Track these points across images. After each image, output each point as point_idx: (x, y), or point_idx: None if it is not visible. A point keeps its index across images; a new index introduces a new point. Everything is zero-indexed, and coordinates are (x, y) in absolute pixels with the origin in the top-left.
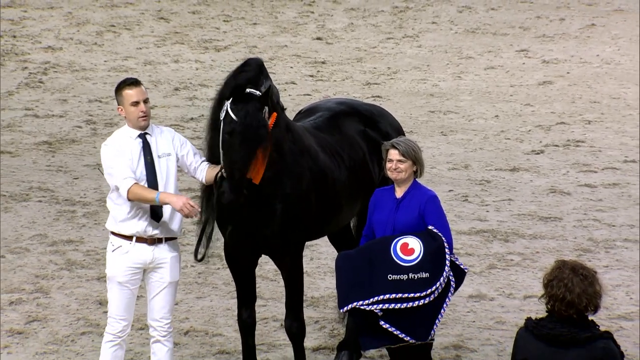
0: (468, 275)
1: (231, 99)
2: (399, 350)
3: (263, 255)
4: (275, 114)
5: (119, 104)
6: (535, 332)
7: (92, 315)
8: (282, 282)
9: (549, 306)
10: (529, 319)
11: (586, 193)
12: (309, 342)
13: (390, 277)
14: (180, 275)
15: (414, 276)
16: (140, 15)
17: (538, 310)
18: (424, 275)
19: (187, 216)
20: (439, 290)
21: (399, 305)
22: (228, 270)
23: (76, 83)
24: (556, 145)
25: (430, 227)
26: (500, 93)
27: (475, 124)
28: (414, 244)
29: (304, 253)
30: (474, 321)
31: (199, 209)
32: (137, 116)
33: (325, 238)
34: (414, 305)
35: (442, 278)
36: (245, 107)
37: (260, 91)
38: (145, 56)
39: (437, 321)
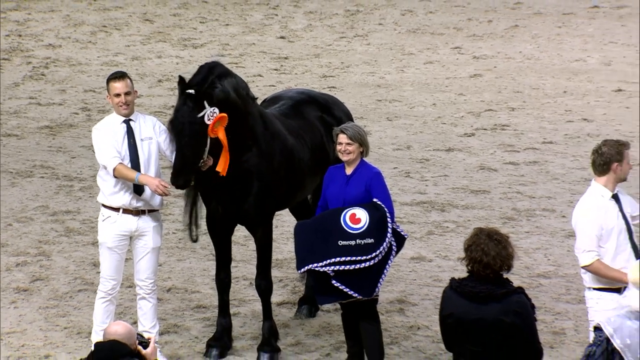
0: (409, 240)
1: (178, 98)
2: (350, 304)
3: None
4: (224, 115)
5: (107, 94)
6: (458, 290)
7: (87, 275)
8: (251, 246)
9: (469, 268)
10: (452, 279)
11: (510, 170)
12: (274, 298)
13: (340, 242)
14: (163, 241)
15: (361, 242)
16: (128, 17)
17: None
18: (370, 240)
19: (160, 195)
20: (383, 254)
21: (348, 267)
22: (205, 237)
23: (73, 76)
24: (485, 129)
25: (375, 200)
26: (437, 84)
27: (416, 111)
28: (361, 214)
29: (273, 223)
30: (415, 279)
31: (170, 189)
32: (118, 105)
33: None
34: (361, 266)
35: (385, 243)
36: (180, 104)
37: (194, 90)
38: (132, 52)
39: (381, 280)
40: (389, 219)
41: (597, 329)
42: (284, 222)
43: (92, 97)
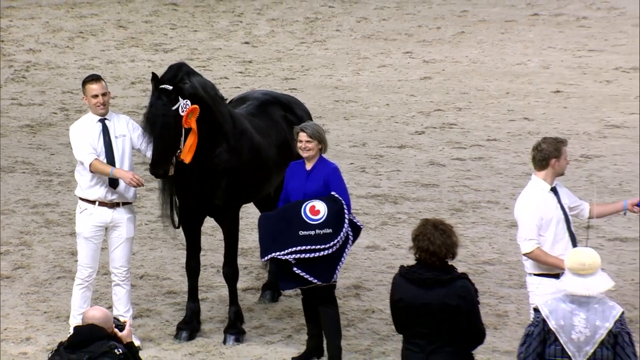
0: (365, 230)
1: (152, 94)
2: (310, 290)
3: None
4: (196, 107)
5: (84, 95)
6: (407, 277)
7: (65, 264)
8: (218, 236)
9: (417, 256)
10: (402, 267)
11: (457, 165)
12: (239, 284)
13: (301, 232)
14: (136, 232)
15: (320, 232)
16: (104, 24)
17: None
18: (328, 230)
19: (134, 187)
20: (340, 243)
21: (308, 255)
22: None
23: (52, 78)
24: (434, 128)
25: (333, 193)
26: (390, 86)
27: (370, 111)
28: (320, 206)
29: (239, 215)
30: (369, 267)
31: (143, 181)
32: (95, 105)
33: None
34: (320, 255)
35: (342, 233)
36: (156, 99)
37: (171, 85)
38: (107, 56)
39: (338, 267)
40: (345, 211)
41: (536, 310)
42: (249, 214)
43: (70, 98)
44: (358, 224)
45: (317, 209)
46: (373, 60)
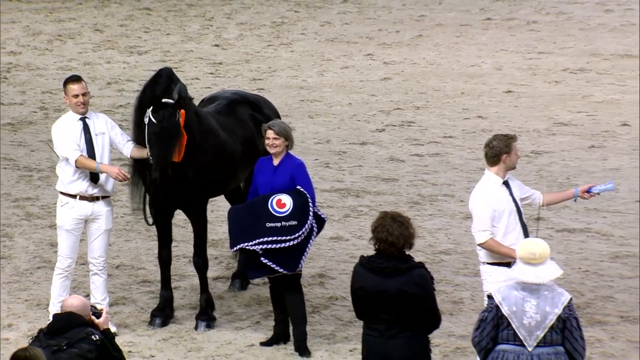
0: (329, 222)
1: (152, 108)
2: (277, 279)
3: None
4: (183, 111)
5: (64, 95)
6: (367, 266)
7: (45, 254)
8: (189, 228)
9: (376, 246)
10: (362, 257)
11: (416, 160)
12: (210, 273)
13: (268, 224)
14: (113, 224)
15: (286, 224)
16: (81, 27)
17: None
18: (293, 222)
19: (120, 181)
20: (305, 234)
21: (274, 245)
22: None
23: (32, 79)
24: (394, 125)
25: (298, 187)
26: (352, 86)
27: (334, 110)
28: (286, 199)
29: (208, 208)
30: (333, 256)
31: (129, 176)
32: (76, 105)
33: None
34: (286, 245)
35: (307, 225)
36: (163, 113)
37: (173, 99)
38: (84, 58)
39: (303, 257)
40: (310, 204)
41: (489, 297)
42: (219, 207)
43: (49, 98)
44: (322, 216)
45: (283, 202)
46: (336, 62)
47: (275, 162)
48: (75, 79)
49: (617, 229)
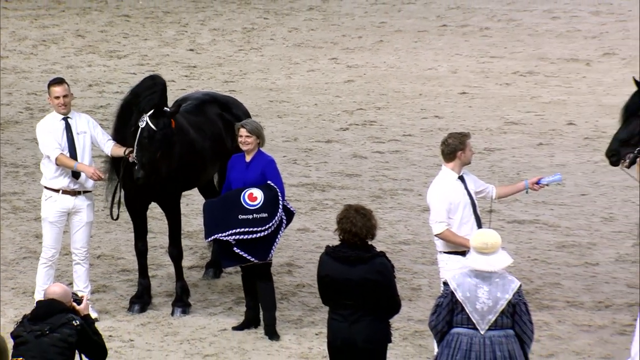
0: (296, 215)
1: (150, 114)
2: (248, 267)
3: (153, 202)
4: (174, 120)
5: (48, 96)
6: (332, 255)
7: (31, 245)
8: (166, 221)
9: (341, 237)
10: (327, 247)
11: (377, 157)
12: (185, 263)
13: (240, 216)
14: (94, 217)
15: (257, 216)
16: (64, 33)
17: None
18: (264, 215)
19: (95, 180)
20: (275, 226)
21: (246, 236)
22: (127, 214)
23: (18, 81)
24: (357, 124)
25: (269, 182)
26: (318, 88)
27: (301, 110)
28: (257, 193)
29: (181, 200)
30: (300, 247)
31: (103, 176)
32: (58, 105)
33: (196, 189)
34: (257, 236)
35: (276, 217)
36: (163, 121)
37: (172, 108)
38: (67, 62)
39: (273, 247)
40: (280, 198)
41: (445, 284)
42: (194, 201)
43: (34, 99)
44: (291, 209)
45: (254, 196)
46: (303, 66)
47: (248, 158)
48: (58, 81)
49: (564, 221)
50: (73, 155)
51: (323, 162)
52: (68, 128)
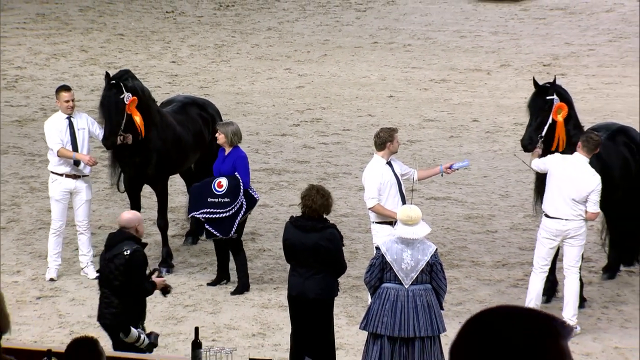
0: (258, 192)
1: (104, 87)
2: (218, 240)
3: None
4: (135, 97)
5: (57, 99)
6: (294, 224)
7: (45, 219)
8: (154, 198)
9: (302, 210)
10: (292, 217)
11: (322, 147)
12: (169, 232)
13: (209, 200)
14: (93, 195)
15: (222, 200)
16: (71, 48)
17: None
18: (227, 200)
19: (91, 165)
20: (235, 209)
21: (212, 215)
22: (125, 194)
23: (34, 87)
24: (306, 121)
25: (235, 173)
26: (275, 92)
27: (262, 110)
28: (224, 182)
29: (168, 183)
30: (262, 219)
31: (96, 161)
32: (65, 108)
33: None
34: (220, 216)
35: (237, 202)
36: (107, 92)
37: (120, 81)
38: (74, 72)
39: (234, 226)
40: (242, 186)
41: (377, 248)
42: (176, 182)
43: (47, 101)
44: (255, 196)
45: (222, 184)
46: (263, 75)
47: (226, 152)
48: (66, 88)
49: (469, 197)
50: (74, 146)
51: (279, 152)
52: (71, 125)
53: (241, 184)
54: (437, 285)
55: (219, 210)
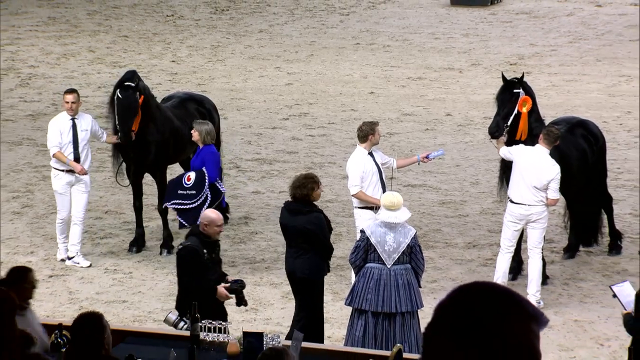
0: (250, 180)
1: (119, 89)
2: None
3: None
4: (143, 96)
5: (63, 100)
6: (286, 208)
7: (56, 204)
8: (155, 186)
9: (292, 195)
10: (286, 202)
11: (309, 139)
12: (169, 217)
13: (179, 192)
14: (90, 188)
15: (189, 192)
16: (80, 49)
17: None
18: (193, 192)
19: (79, 174)
20: (200, 200)
21: (180, 206)
22: (126, 183)
23: (46, 84)
24: (295, 115)
25: (203, 168)
26: (266, 89)
27: (254, 105)
28: (192, 175)
29: (168, 172)
30: (254, 204)
31: (87, 171)
32: (67, 110)
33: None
34: (187, 207)
35: (202, 194)
36: (126, 92)
37: (133, 83)
38: (82, 70)
39: (200, 216)
40: (207, 180)
41: (362, 231)
42: (175, 172)
43: (58, 98)
44: (221, 189)
45: (190, 177)
46: (255, 73)
47: (200, 148)
48: (70, 91)
49: (443, 185)
50: (76, 146)
51: (270, 143)
52: (74, 126)
53: (207, 177)
54: (416, 266)
55: (186, 202)
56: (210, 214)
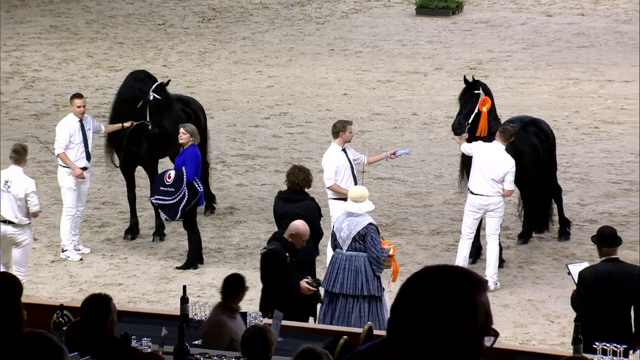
0: (234, 173)
1: (154, 89)
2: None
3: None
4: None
5: (70, 104)
6: (280, 196)
7: (58, 196)
8: (147, 178)
9: (287, 185)
10: (280, 191)
11: (289, 137)
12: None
13: (160, 188)
14: (90, 184)
15: (169, 189)
16: (79, 54)
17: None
18: (172, 189)
19: (78, 178)
20: (178, 197)
21: (161, 202)
22: (122, 176)
23: (48, 86)
24: (275, 115)
25: (183, 167)
26: (249, 91)
27: (238, 105)
28: (172, 173)
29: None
30: (238, 196)
31: (84, 176)
32: (78, 113)
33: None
34: (166, 203)
35: (180, 192)
36: (166, 93)
37: (165, 84)
38: (82, 73)
39: (179, 213)
40: (185, 178)
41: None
42: (166, 165)
43: (59, 98)
44: (198, 188)
45: (170, 175)
46: (239, 76)
47: (185, 148)
48: (79, 95)
49: (410, 177)
50: (86, 145)
51: (253, 140)
52: (82, 127)
53: (184, 176)
54: (369, 255)
55: (166, 198)
56: (300, 225)
